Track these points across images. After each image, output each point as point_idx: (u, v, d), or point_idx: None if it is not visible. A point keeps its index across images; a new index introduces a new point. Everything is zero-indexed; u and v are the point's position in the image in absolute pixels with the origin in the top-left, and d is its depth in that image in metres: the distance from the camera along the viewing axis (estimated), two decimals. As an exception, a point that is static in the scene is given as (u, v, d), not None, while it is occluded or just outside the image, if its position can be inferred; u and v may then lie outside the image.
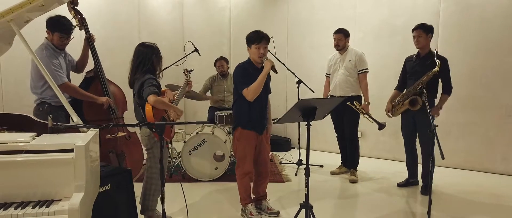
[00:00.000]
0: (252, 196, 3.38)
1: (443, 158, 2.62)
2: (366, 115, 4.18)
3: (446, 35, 4.86)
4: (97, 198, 2.40)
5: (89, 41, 3.48)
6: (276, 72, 3.11)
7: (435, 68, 3.59)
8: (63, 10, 3.30)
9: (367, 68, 4.37)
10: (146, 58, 2.83)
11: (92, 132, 1.96)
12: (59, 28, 3.17)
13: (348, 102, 4.19)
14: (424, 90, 3.36)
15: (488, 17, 4.56)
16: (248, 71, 3.07)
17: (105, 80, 3.51)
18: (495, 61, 4.57)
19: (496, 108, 4.61)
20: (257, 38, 3.05)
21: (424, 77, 3.66)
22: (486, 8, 4.57)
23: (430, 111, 2.91)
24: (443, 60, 3.74)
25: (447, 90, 3.81)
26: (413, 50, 4.17)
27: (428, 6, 4.94)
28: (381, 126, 4.03)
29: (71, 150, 1.69)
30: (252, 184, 3.35)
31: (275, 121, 2.58)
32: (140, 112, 2.79)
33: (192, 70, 3.94)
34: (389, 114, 4.05)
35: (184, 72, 3.73)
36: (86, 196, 1.70)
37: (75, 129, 2.09)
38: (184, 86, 3.47)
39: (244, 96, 3.01)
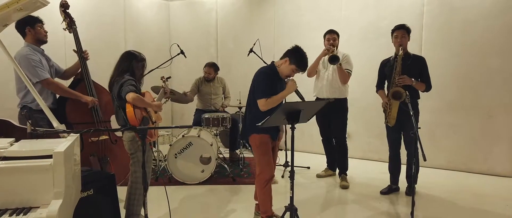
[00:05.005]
0: (255, 202, 3.31)
1: (424, 159, 2.64)
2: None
3: (430, 37, 4.92)
4: (79, 203, 2.36)
5: (81, 57, 3.48)
6: (302, 99, 2.96)
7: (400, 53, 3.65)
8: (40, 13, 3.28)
9: (351, 71, 4.34)
10: (126, 65, 2.83)
11: (73, 137, 1.93)
12: (37, 19, 3.24)
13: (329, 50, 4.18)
14: (407, 93, 3.36)
15: (471, 19, 4.64)
16: (273, 80, 2.93)
17: (91, 84, 3.48)
18: (478, 62, 4.64)
19: (479, 109, 4.68)
20: (301, 65, 2.91)
21: (397, 67, 3.64)
22: (469, 10, 4.64)
23: (413, 113, 2.93)
24: (421, 60, 3.75)
25: (427, 88, 3.74)
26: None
27: (412, 8, 5.00)
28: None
29: (50, 156, 1.66)
30: (254, 188, 3.28)
31: (259, 124, 2.57)
32: (122, 115, 2.76)
33: (169, 77, 3.91)
34: (387, 122, 3.86)
35: (162, 79, 3.70)
36: (65, 203, 1.68)
37: (55, 134, 2.05)
38: (161, 94, 3.42)
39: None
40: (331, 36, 4.31)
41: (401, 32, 3.72)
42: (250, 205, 3.40)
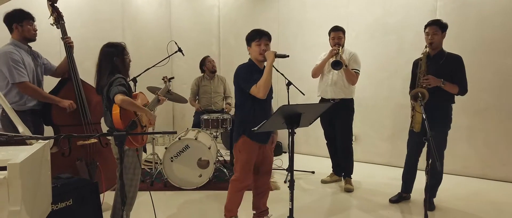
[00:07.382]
0: (253, 212, 3.12)
1: (437, 168, 2.39)
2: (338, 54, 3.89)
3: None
4: (55, 215, 2.16)
5: (65, 44, 3.27)
6: (288, 56, 2.91)
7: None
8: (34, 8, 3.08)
9: (359, 70, 4.07)
10: (106, 60, 2.59)
11: (39, 145, 1.70)
12: (26, 16, 3.03)
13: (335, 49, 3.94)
14: (419, 94, 3.06)
15: (486, 15, 4.34)
16: (252, 69, 2.83)
17: (79, 82, 3.27)
18: (494, 61, 4.34)
19: (496, 111, 4.38)
20: (258, 34, 2.84)
21: (422, 66, 3.35)
22: (485, 6, 4.34)
23: (425, 118, 2.66)
24: (456, 59, 3.38)
25: (461, 91, 3.38)
26: (408, 50, 3.93)
27: (423, 3, 4.71)
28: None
29: (4, 168, 1.43)
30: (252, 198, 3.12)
31: (255, 129, 2.32)
32: (109, 117, 2.54)
33: (172, 78, 3.67)
34: (412, 127, 3.55)
35: (163, 79, 3.47)
36: (23, 222, 1.45)
37: (21, 141, 1.83)
38: (155, 103, 3.15)
39: (252, 96, 2.73)
40: (336, 35, 4.03)
41: (433, 28, 3.35)
42: (251, 212, 3.16)
